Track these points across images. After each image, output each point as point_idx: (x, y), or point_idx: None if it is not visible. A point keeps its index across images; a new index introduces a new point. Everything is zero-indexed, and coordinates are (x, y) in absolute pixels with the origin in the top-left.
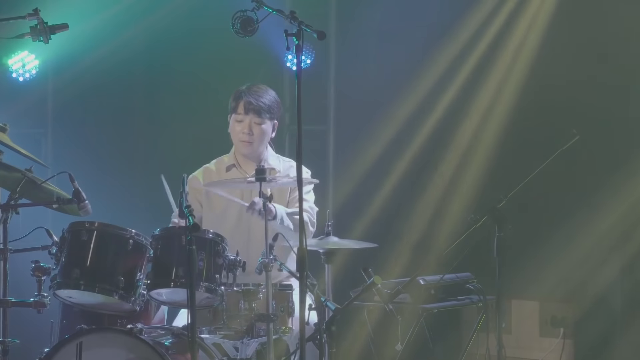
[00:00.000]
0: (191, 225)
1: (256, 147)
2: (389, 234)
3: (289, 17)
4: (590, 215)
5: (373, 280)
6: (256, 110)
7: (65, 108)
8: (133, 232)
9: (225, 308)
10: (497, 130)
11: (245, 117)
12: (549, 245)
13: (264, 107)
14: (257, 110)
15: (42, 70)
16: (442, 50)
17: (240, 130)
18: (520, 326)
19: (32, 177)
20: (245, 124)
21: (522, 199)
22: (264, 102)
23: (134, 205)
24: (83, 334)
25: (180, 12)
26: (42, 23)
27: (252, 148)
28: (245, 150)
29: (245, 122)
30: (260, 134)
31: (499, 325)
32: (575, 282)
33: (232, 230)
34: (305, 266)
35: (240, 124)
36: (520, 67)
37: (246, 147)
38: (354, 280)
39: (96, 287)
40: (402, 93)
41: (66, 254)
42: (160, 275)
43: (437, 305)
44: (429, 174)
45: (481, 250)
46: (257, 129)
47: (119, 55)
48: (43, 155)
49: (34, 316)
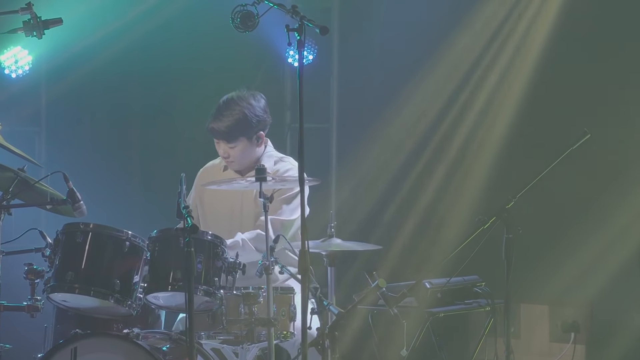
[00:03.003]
0: (189, 227)
1: (238, 165)
2: (393, 235)
3: (290, 11)
4: (603, 215)
5: (377, 283)
6: (223, 137)
7: (60, 105)
8: (129, 233)
9: (225, 312)
10: (506, 128)
11: (219, 143)
12: (559, 247)
13: (229, 132)
14: (223, 137)
15: (35, 66)
16: (448, 47)
17: (218, 149)
18: (530, 331)
19: (25, 176)
20: (220, 148)
21: (531, 200)
22: (228, 127)
23: (131, 206)
24: (78, 339)
25: (179, 7)
26: (35, 18)
27: (236, 167)
28: (231, 167)
29: (220, 145)
30: (238, 155)
31: (507, 330)
32: (587, 285)
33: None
34: (307, 269)
35: (218, 145)
36: (528, 65)
37: (230, 165)
38: (358, 283)
39: (91, 291)
40: (407, 90)
41: (60, 256)
42: (158, 279)
43: (444, 309)
44: (434, 172)
45: (489, 252)
46: (232, 151)
47: (115, 50)
48: (36, 154)
49: (27, 320)
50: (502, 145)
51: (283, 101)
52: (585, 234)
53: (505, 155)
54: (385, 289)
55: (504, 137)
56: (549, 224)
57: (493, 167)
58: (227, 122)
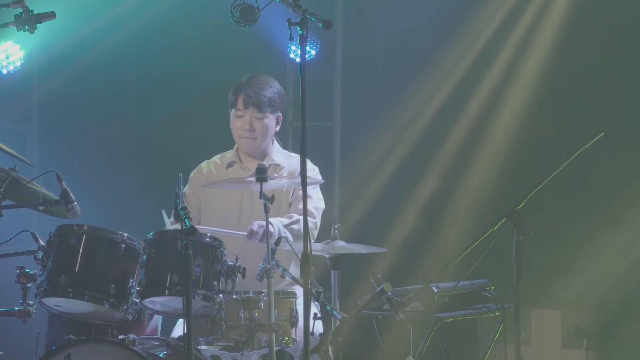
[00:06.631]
0: (187, 229)
1: (260, 143)
2: (399, 237)
3: (292, 4)
4: (617, 218)
5: (383, 287)
6: (256, 104)
7: (52, 103)
8: (125, 235)
9: (224, 317)
10: (516, 125)
11: (246, 112)
12: (571, 250)
13: (265, 100)
14: (257, 104)
15: (27, 61)
16: (456, 41)
17: (241, 126)
18: (541, 337)
19: (16, 176)
20: (245, 119)
21: (542, 200)
22: (265, 95)
23: (126, 207)
24: (71, 345)
25: (176, 0)
26: (27, 11)
27: (255, 144)
28: (248, 147)
29: (246, 117)
30: (263, 129)
31: (517, 336)
32: (600, 289)
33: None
34: (310, 272)
35: (241, 119)
36: (538, 61)
37: (249, 144)
38: (362, 287)
39: (85, 295)
40: (412, 87)
41: (53, 259)
42: (154, 283)
43: (452, 315)
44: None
45: (499, 255)
46: (258, 124)
47: (110, 46)
48: (28, 153)
49: (19, 326)
50: (512, 143)
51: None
52: (598, 236)
53: (515, 153)
54: (390, 293)
55: (514, 134)
56: (560, 226)
57: (502, 167)
58: (266, 91)
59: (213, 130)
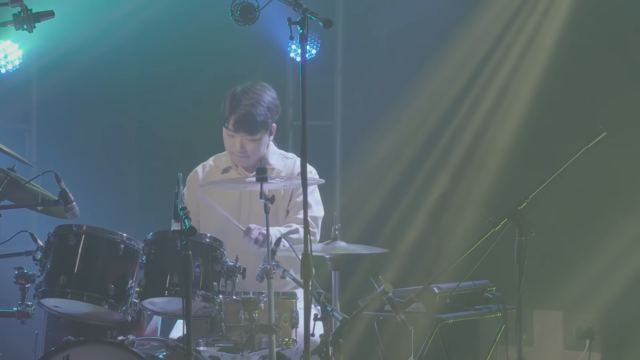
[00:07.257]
0: (187, 229)
1: (253, 160)
2: (400, 238)
3: (292, 3)
4: (620, 217)
5: (384, 288)
6: (247, 129)
7: (51, 102)
8: (124, 236)
9: (224, 318)
10: (517, 125)
11: (237, 134)
12: (574, 251)
13: (257, 123)
14: (248, 129)
15: (25, 61)
16: (457, 40)
17: (232, 145)
18: (543, 338)
19: (15, 176)
20: (237, 141)
21: (544, 200)
22: (258, 116)
23: (125, 208)
24: (70, 346)
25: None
26: (25, 10)
27: (249, 162)
28: (241, 164)
29: (237, 138)
30: (255, 149)
31: (519, 337)
32: (603, 290)
33: (230, 233)
34: (310, 273)
35: (232, 139)
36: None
37: (242, 161)
38: (363, 288)
39: (84, 296)
40: (413, 86)
41: (52, 259)
42: (154, 283)
43: (453, 315)
44: (443, 172)
45: (500, 255)
46: (250, 145)
47: (109, 45)
48: (27, 153)
49: (17, 327)
50: (513, 143)
51: (285, 98)
52: (601, 237)
53: (516, 154)
54: (391, 294)
55: (515, 134)
56: (563, 226)
57: (504, 167)
58: (258, 111)
59: (213, 130)
